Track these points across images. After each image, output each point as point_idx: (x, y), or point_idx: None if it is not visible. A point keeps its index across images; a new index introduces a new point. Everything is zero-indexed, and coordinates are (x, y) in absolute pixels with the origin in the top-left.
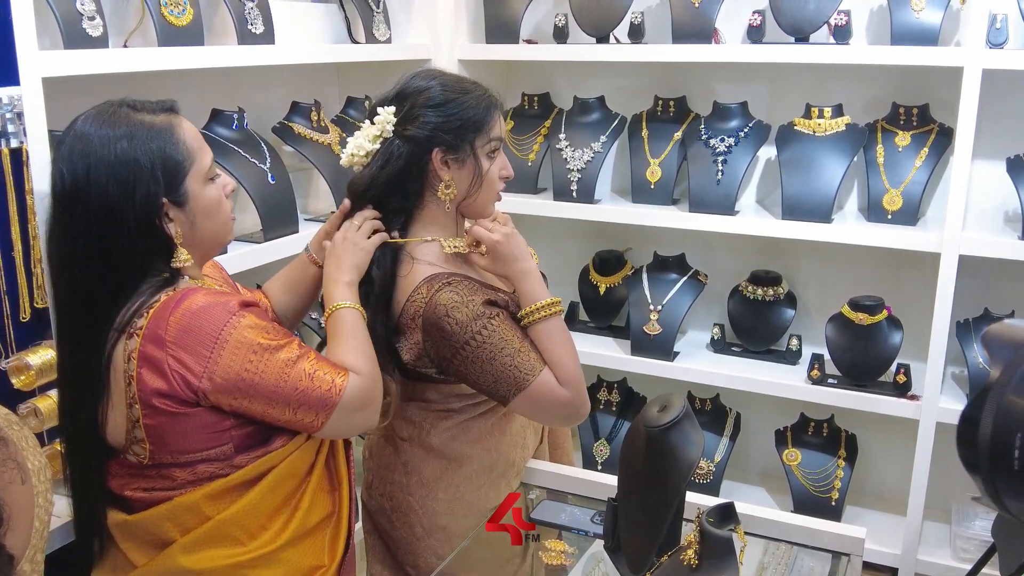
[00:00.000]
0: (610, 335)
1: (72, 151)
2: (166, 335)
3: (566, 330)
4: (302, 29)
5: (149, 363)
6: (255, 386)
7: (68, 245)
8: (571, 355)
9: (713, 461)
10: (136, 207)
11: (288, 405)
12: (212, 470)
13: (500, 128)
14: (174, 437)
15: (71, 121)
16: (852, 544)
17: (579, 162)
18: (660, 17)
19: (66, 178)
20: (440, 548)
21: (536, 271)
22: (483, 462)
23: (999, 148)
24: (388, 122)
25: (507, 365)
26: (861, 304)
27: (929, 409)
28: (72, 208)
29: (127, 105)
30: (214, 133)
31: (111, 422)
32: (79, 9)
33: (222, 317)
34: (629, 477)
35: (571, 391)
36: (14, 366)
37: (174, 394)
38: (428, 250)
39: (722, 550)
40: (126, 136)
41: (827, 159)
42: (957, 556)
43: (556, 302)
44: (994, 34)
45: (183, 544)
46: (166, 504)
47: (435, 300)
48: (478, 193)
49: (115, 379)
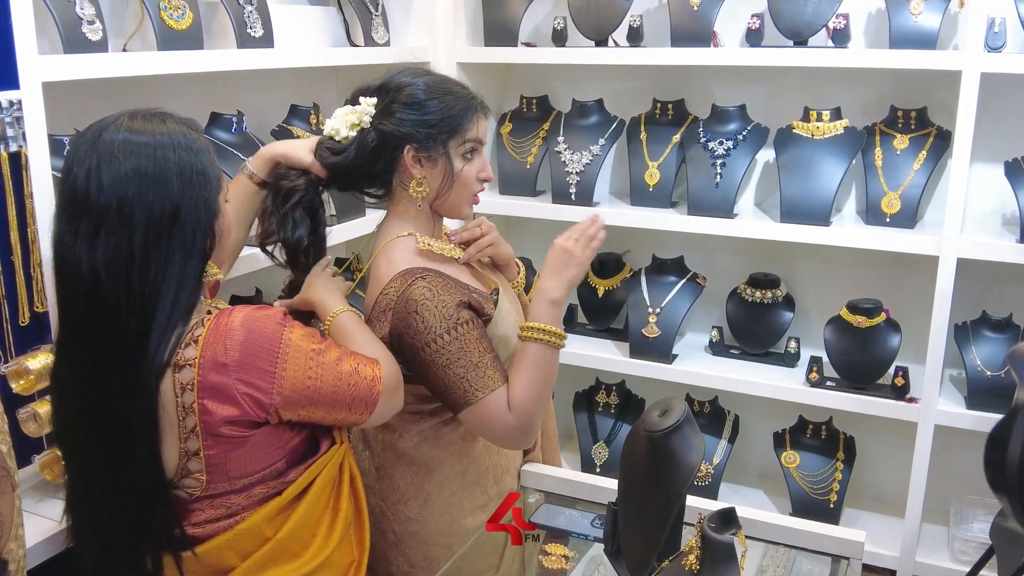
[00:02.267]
0: (609, 337)
1: (124, 153)
2: (228, 360)
3: (550, 365)
4: (301, 32)
5: (214, 391)
6: (319, 391)
7: (124, 248)
8: (536, 388)
9: (712, 463)
10: (198, 206)
11: (345, 403)
12: (266, 490)
13: (479, 130)
14: (236, 463)
15: (92, 130)
16: (852, 548)
17: (578, 165)
18: (659, 20)
19: (121, 180)
20: (412, 555)
21: (548, 292)
22: (455, 468)
23: (997, 151)
24: (367, 112)
25: (460, 376)
26: (859, 307)
27: (927, 412)
28: (131, 209)
29: (164, 113)
30: (213, 136)
31: (163, 456)
32: (79, 13)
33: (275, 330)
34: (629, 481)
35: (517, 419)
36: (13, 370)
37: (245, 418)
38: (404, 245)
39: (724, 555)
40: (182, 137)
41: (825, 162)
42: (955, 558)
43: (558, 334)
44: (992, 38)
45: (245, 570)
46: (227, 534)
47: (407, 294)
48: (449, 192)
49: (166, 412)
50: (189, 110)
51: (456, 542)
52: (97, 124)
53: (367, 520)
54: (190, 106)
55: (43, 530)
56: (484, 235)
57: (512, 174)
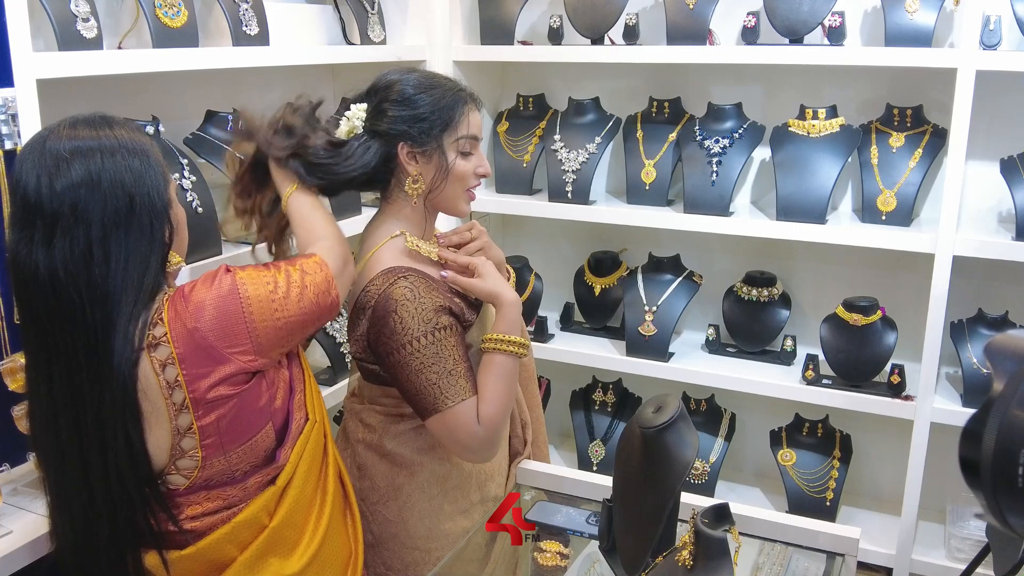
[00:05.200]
0: (605, 336)
1: (72, 158)
2: (200, 324)
3: (514, 376)
4: (297, 30)
5: (198, 356)
6: (290, 323)
7: (81, 244)
8: (503, 398)
9: (708, 461)
10: (152, 197)
11: (315, 315)
12: (260, 479)
13: (472, 125)
14: (228, 431)
15: (36, 139)
16: (847, 544)
17: (574, 163)
18: (655, 18)
19: (73, 185)
20: (389, 557)
21: (516, 303)
22: (435, 472)
23: (993, 149)
24: (358, 118)
25: (431, 383)
26: (855, 305)
27: (923, 410)
28: (85, 206)
29: (105, 117)
30: (208, 134)
31: (150, 444)
32: (73, 11)
33: (230, 290)
34: (624, 478)
35: (485, 431)
36: (8, 368)
37: (240, 372)
38: (392, 244)
39: (717, 551)
40: (128, 140)
41: (821, 160)
42: (951, 556)
43: (520, 343)
44: (988, 35)
45: (244, 562)
46: (226, 527)
47: (388, 292)
48: (444, 187)
49: (149, 396)
50: (184, 108)
51: (435, 547)
52: (40, 133)
53: (358, 513)
54: (185, 104)
55: (37, 527)
56: (474, 239)
57: (508, 172)
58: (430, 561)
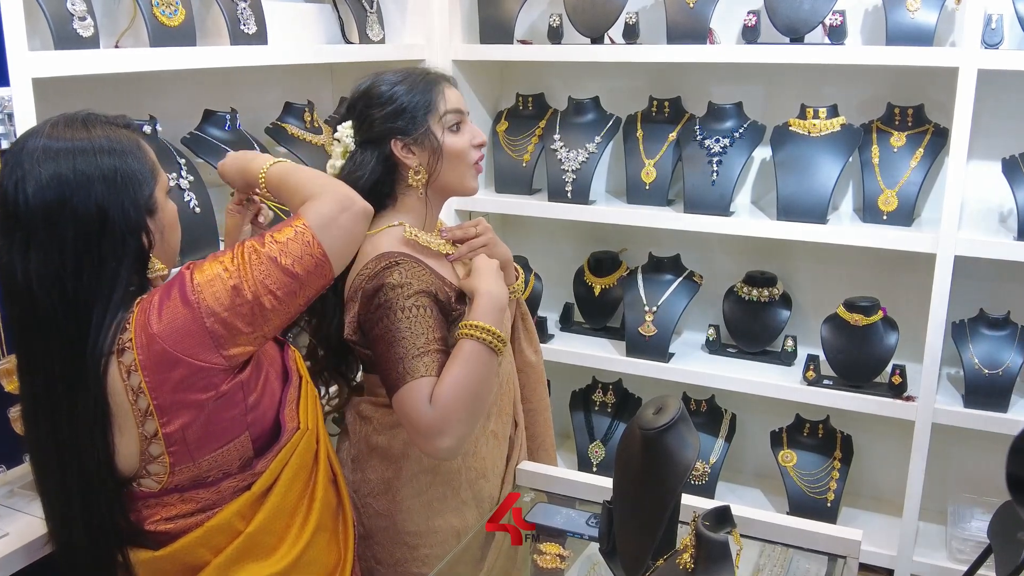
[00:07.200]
0: (605, 336)
1: (43, 160)
2: (156, 328)
3: (485, 367)
4: (295, 29)
5: (156, 361)
6: (266, 313)
7: (55, 257)
8: (462, 386)
9: (708, 462)
10: (127, 208)
11: (298, 284)
12: (235, 484)
13: (450, 100)
14: (196, 439)
15: (19, 140)
16: (848, 546)
17: (574, 163)
18: (655, 17)
19: (43, 188)
20: (379, 551)
21: (491, 294)
22: (423, 465)
23: (994, 148)
24: (347, 136)
25: (398, 357)
26: (856, 305)
27: (925, 410)
28: (56, 218)
29: (89, 116)
30: (207, 134)
31: (120, 449)
32: (70, 9)
33: (179, 282)
34: (625, 480)
35: (435, 415)
36: (5, 369)
37: (197, 372)
38: (390, 232)
39: (718, 554)
40: (105, 141)
41: (822, 160)
42: (953, 557)
43: (492, 332)
44: (989, 34)
45: (218, 565)
46: (198, 530)
47: (380, 275)
48: (443, 167)
49: (117, 401)
50: (182, 107)
51: (424, 543)
52: (25, 134)
53: (351, 518)
54: (183, 103)
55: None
56: (479, 235)
57: (508, 172)
58: (418, 558)
